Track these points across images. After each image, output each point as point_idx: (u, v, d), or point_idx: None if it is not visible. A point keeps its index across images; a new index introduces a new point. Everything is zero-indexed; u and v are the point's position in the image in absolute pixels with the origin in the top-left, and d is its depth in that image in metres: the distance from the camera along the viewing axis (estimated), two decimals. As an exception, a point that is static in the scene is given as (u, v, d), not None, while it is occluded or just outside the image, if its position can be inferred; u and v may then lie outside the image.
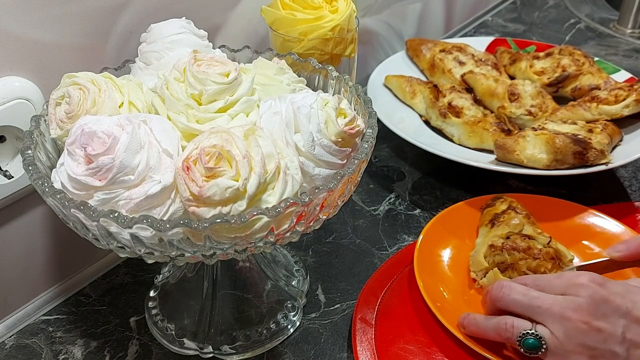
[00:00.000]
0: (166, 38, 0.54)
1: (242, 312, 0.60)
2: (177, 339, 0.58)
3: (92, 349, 0.59)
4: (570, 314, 0.48)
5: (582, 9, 1.27)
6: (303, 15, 0.65)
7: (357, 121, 0.48)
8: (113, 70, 0.56)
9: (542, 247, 0.60)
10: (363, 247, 0.70)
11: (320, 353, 0.58)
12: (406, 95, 0.87)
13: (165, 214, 0.42)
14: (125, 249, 0.44)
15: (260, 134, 0.43)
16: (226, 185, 0.40)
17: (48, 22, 0.53)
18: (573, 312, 0.48)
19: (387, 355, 0.55)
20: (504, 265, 0.60)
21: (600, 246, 0.65)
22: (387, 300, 0.60)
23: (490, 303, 0.54)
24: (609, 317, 0.48)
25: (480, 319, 0.53)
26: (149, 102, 0.49)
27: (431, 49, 0.95)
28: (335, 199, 0.47)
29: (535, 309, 0.50)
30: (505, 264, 0.60)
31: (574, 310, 0.48)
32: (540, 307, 0.50)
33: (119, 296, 0.64)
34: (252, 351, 0.58)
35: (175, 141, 0.44)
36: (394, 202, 0.77)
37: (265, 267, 0.62)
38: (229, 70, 0.48)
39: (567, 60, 0.88)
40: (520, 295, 0.51)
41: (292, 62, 0.58)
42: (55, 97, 0.48)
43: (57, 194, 0.41)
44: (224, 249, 0.43)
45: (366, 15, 0.93)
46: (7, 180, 0.54)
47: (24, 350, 0.59)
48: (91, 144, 0.42)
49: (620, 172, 0.80)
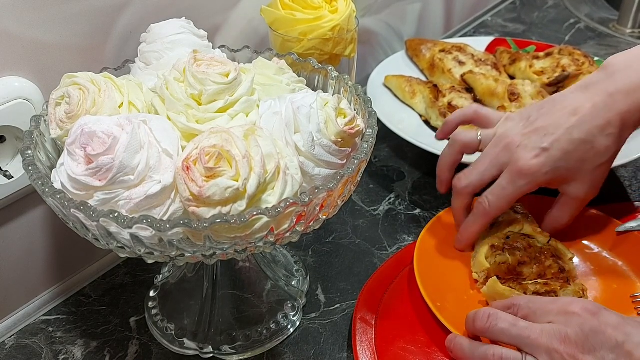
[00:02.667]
0: (166, 38, 0.54)
1: (242, 312, 0.60)
2: (177, 339, 0.58)
3: (92, 349, 0.59)
4: (558, 345, 0.46)
5: (582, 9, 1.27)
6: (303, 16, 0.65)
7: (357, 121, 0.48)
8: (113, 71, 0.56)
9: (542, 245, 0.60)
10: (363, 247, 0.70)
11: (320, 353, 0.58)
12: (406, 95, 0.87)
13: (165, 214, 0.42)
14: (125, 249, 0.44)
15: (260, 134, 0.43)
16: (226, 185, 0.40)
17: (48, 22, 0.53)
18: (560, 344, 0.46)
19: (387, 355, 0.55)
20: (506, 265, 0.60)
21: (601, 246, 0.65)
22: (387, 300, 0.60)
23: (474, 331, 0.52)
24: (597, 351, 0.45)
25: (467, 346, 0.51)
26: (149, 102, 0.49)
27: (431, 49, 0.95)
28: (335, 199, 0.47)
29: (524, 339, 0.48)
30: (507, 264, 0.60)
31: (562, 341, 0.46)
32: (528, 337, 0.47)
33: (119, 296, 0.64)
34: (252, 351, 0.58)
35: (175, 141, 0.44)
36: (394, 202, 0.77)
37: (265, 267, 0.62)
38: (229, 70, 0.48)
39: (567, 60, 0.88)
40: (508, 324, 0.49)
41: (292, 62, 0.58)
42: (55, 97, 0.48)
43: (57, 194, 0.41)
44: (224, 249, 0.43)
45: (366, 15, 0.93)
46: (7, 181, 0.54)
47: (24, 350, 0.59)
48: (91, 144, 0.42)
49: (620, 172, 0.80)
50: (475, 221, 0.62)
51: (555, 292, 0.56)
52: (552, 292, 0.57)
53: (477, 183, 0.62)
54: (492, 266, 0.60)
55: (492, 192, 0.61)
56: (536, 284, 0.58)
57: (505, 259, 0.60)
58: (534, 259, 0.60)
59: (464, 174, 0.63)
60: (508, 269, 0.60)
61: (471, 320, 0.52)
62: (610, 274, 0.62)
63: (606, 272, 0.62)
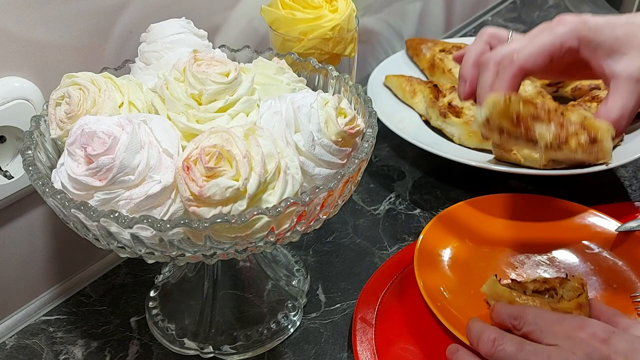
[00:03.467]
0: (166, 38, 0.54)
1: (242, 312, 0.60)
2: (178, 339, 0.58)
3: (93, 349, 0.59)
4: None
5: (582, 9, 1.27)
6: (303, 15, 0.65)
7: (357, 121, 0.48)
8: (113, 70, 0.56)
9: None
10: (363, 246, 0.70)
11: (320, 353, 0.58)
12: (406, 94, 0.87)
13: (166, 214, 0.42)
14: (125, 249, 0.44)
15: (260, 133, 0.43)
16: (226, 185, 0.40)
17: (48, 22, 0.53)
18: None
19: (387, 355, 0.55)
20: (514, 113, 0.48)
21: (601, 246, 0.65)
22: (388, 300, 0.60)
23: (476, 350, 0.50)
24: None
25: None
26: (149, 102, 0.49)
27: (431, 48, 0.95)
28: (336, 199, 0.47)
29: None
30: (516, 113, 0.48)
31: None
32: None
33: (119, 296, 0.64)
34: (253, 351, 0.58)
35: (175, 141, 0.44)
36: (394, 201, 0.77)
37: (265, 266, 0.62)
38: (229, 70, 0.48)
39: (567, 59, 0.88)
40: (515, 349, 0.46)
41: (292, 61, 0.58)
42: (55, 97, 0.48)
43: (57, 194, 0.41)
44: (225, 248, 0.43)
45: (366, 15, 0.93)
46: (7, 181, 0.54)
47: (25, 350, 0.59)
48: (91, 144, 0.42)
49: (620, 172, 0.80)
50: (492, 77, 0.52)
51: (554, 289, 0.57)
52: (551, 289, 0.57)
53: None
54: (494, 110, 0.47)
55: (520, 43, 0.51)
56: (535, 281, 0.58)
57: (515, 101, 0.46)
58: (553, 120, 0.47)
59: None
60: (516, 119, 0.46)
61: (474, 340, 0.50)
62: (611, 274, 0.62)
63: (606, 272, 0.62)
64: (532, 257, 0.65)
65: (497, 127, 0.48)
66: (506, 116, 0.46)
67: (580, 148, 0.47)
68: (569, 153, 0.47)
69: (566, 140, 0.47)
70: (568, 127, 0.47)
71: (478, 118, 0.49)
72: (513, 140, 0.49)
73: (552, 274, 0.63)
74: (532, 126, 0.47)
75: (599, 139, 0.47)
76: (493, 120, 0.48)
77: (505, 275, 0.63)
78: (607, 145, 0.47)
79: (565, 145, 0.46)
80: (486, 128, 0.49)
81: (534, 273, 0.63)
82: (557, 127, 0.47)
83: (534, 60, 0.51)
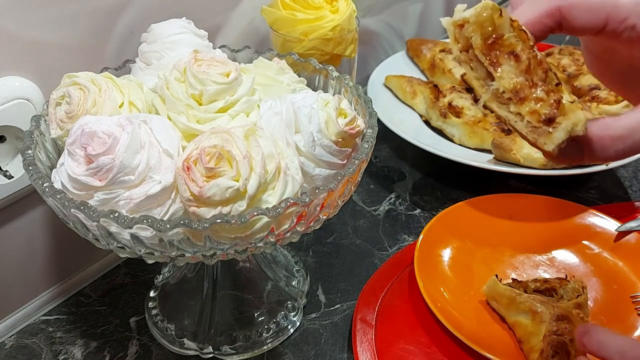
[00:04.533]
0: (166, 38, 0.54)
1: (242, 313, 0.60)
2: (177, 339, 0.58)
3: (92, 349, 0.59)
4: None
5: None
6: (303, 16, 0.65)
7: (358, 121, 0.48)
8: (113, 70, 0.56)
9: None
10: (363, 247, 0.70)
11: (320, 353, 0.58)
12: (406, 95, 0.87)
13: (166, 214, 0.42)
14: (125, 249, 0.43)
15: (260, 134, 0.43)
16: (226, 185, 0.40)
17: (48, 22, 0.53)
18: None
19: (387, 355, 0.55)
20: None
21: (601, 246, 0.65)
22: (388, 301, 0.60)
23: None
24: None
25: None
26: (149, 102, 0.49)
27: (431, 49, 0.95)
28: (336, 199, 0.47)
29: None
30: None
31: None
32: None
33: (119, 296, 0.64)
34: (252, 351, 0.58)
35: (175, 141, 0.44)
36: (394, 202, 0.77)
37: (265, 267, 0.62)
38: (230, 70, 0.48)
39: (567, 60, 0.88)
40: None
41: (293, 62, 0.58)
42: (56, 97, 0.48)
43: (57, 194, 0.41)
44: (224, 249, 0.43)
45: (366, 16, 0.93)
46: (7, 180, 0.54)
47: (24, 350, 0.59)
48: (91, 144, 0.42)
49: (620, 172, 0.80)
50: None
51: (555, 289, 0.57)
52: (551, 290, 0.57)
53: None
54: (477, 14, 0.36)
55: None
56: (535, 281, 0.58)
57: (504, 21, 0.36)
58: (531, 73, 0.37)
59: None
60: (490, 41, 0.36)
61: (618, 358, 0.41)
62: (611, 274, 0.62)
63: (606, 272, 0.62)
64: (532, 257, 0.65)
65: (468, 37, 0.38)
66: (482, 29, 0.37)
67: (530, 116, 0.37)
68: (512, 116, 0.38)
69: (522, 99, 0.37)
70: (538, 88, 0.37)
71: (457, 15, 0.38)
72: (470, 64, 0.38)
73: (552, 274, 0.63)
74: (500, 61, 0.37)
75: (556, 122, 0.37)
76: (468, 27, 0.37)
77: (506, 276, 0.63)
78: (558, 135, 0.37)
79: (515, 104, 0.37)
80: (458, 30, 0.38)
81: (534, 273, 0.63)
82: (525, 80, 0.37)
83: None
